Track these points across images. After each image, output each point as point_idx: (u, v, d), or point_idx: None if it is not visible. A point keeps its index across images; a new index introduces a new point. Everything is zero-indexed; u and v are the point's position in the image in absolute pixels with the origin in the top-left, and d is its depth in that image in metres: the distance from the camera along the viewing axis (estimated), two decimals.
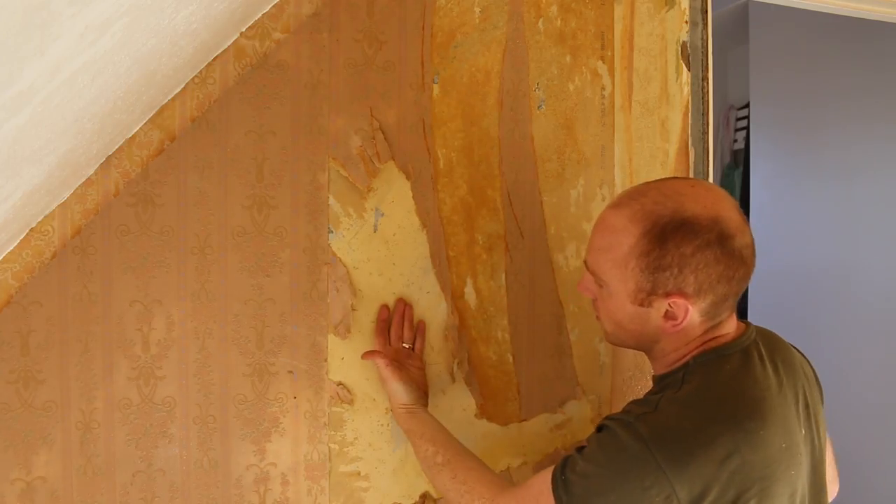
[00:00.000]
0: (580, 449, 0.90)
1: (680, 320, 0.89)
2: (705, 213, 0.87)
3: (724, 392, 0.88)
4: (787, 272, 2.45)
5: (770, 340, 0.99)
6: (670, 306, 0.89)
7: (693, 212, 0.87)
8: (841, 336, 2.47)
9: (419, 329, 1.18)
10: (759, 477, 0.84)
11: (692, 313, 0.89)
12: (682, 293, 0.87)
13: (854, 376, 2.41)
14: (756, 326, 0.99)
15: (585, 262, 0.98)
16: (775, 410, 0.88)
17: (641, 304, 0.91)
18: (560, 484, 0.88)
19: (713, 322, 0.92)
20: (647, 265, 0.87)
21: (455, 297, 1.20)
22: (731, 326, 0.95)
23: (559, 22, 1.28)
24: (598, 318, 1.03)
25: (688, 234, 0.86)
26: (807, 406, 0.96)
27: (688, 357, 0.93)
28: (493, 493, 0.95)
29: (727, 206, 0.89)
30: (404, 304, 1.17)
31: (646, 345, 0.97)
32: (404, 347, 1.15)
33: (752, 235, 0.90)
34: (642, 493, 0.83)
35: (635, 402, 0.95)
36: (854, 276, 2.50)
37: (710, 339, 0.93)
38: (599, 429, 0.92)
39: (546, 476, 0.91)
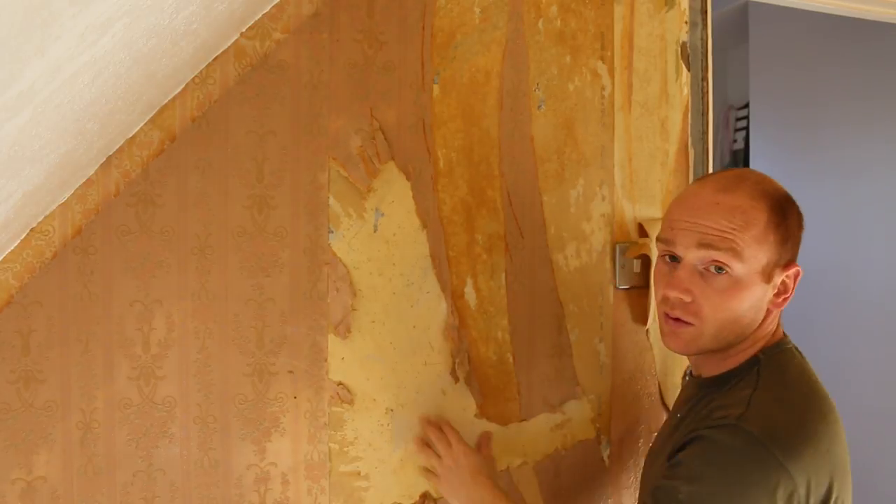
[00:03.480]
0: (669, 477, 0.84)
1: (791, 291, 0.94)
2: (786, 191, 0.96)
3: (804, 386, 0.91)
4: None
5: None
6: (787, 277, 0.93)
7: (784, 189, 0.96)
8: (840, 336, 2.47)
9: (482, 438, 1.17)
10: (842, 471, 0.87)
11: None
12: (793, 262, 0.94)
13: (853, 376, 2.41)
14: None
15: (711, 247, 0.90)
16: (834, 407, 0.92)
17: (767, 280, 0.92)
18: None
19: None
20: (779, 237, 0.91)
21: (455, 297, 1.20)
22: None
23: (559, 22, 1.28)
24: (682, 325, 0.94)
25: (794, 206, 0.94)
26: None
27: (755, 350, 0.94)
28: None
29: None
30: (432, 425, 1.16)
31: (744, 334, 0.93)
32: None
33: None
34: (770, 496, 0.80)
35: (714, 406, 0.91)
36: (854, 276, 2.50)
37: (775, 330, 0.97)
38: (685, 445, 0.87)
39: None
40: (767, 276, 0.91)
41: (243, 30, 1.06)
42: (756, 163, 2.59)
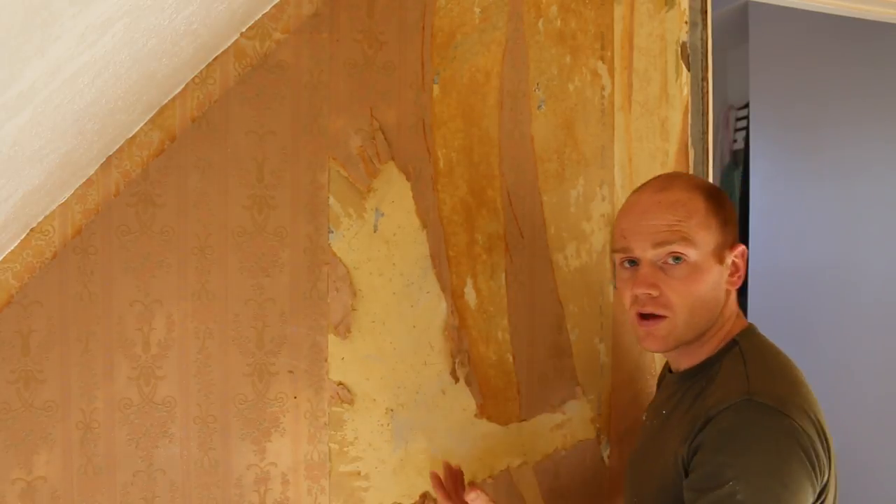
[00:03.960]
0: (714, 487, 0.83)
1: (742, 270, 0.99)
2: None
3: (783, 359, 0.96)
4: (787, 272, 2.45)
5: None
6: (735, 257, 0.99)
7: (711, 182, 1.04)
8: (841, 335, 2.47)
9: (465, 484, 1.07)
10: (825, 432, 0.90)
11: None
12: (738, 242, 1.00)
13: (854, 376, 2.41)
14: None
15: (666, 242, 0.95)
16: None
17: (720, 262, 0.97)
18: None
19: None
20: (720, 221, 0.97)
21: (455, 297, 1.20)
22: None
23: (559, 22, 1.28)
24: (655, 321, 0.97)
25: (724, 194, 1.01)
26: None
27: (730, 335, 0.99)
28: None
29: None
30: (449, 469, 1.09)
31: (712, 316, 0.98)
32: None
33: None
34: (808, 459, 0.83)
35: (706, 394, 0.93)
36: (854, 276, 2.50)
37: (738, 313, 1.02)
38: (697, 448, 0.87)
39: None
40: (719, 258, 0.97)
41: (243, 30, 1.06)
42: (756, 163, 2.59)
